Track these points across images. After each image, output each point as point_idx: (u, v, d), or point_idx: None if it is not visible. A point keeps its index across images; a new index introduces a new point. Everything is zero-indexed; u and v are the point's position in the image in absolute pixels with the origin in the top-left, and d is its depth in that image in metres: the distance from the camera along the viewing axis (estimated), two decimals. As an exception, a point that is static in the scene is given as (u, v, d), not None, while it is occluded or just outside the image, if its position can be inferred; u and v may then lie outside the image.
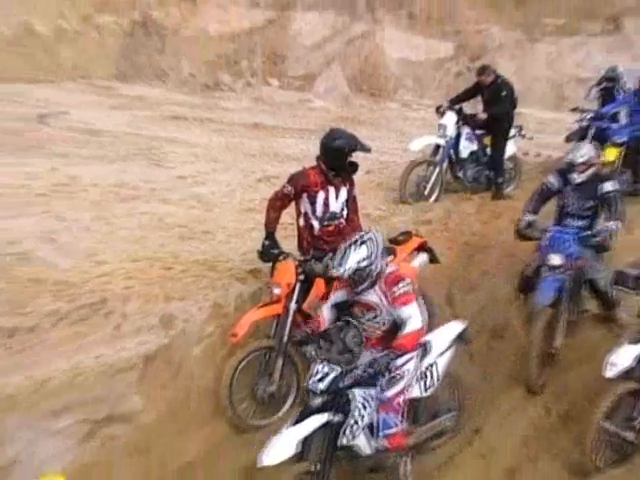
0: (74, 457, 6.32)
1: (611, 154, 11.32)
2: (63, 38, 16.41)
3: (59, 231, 8.96)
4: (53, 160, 11.50)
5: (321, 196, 7.44)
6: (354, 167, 7.56)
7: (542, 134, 14.37)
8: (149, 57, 17.00)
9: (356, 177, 7.70)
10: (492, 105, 11.35)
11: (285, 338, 7.12)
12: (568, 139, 12.20)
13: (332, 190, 7.46)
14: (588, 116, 12.05)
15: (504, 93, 11.33)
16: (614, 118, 11.78)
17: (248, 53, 17.40)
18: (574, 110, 12.16)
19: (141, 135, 13.19)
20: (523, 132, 11.91)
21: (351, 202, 7.63)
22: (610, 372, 6.43)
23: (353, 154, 7.51)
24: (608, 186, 7.88)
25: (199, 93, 16.55)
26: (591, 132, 11.55)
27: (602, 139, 11.46)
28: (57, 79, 16.03)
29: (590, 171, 7.91)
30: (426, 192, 11.14)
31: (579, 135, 11.76)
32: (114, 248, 8.68)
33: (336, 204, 7.50)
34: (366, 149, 7.67)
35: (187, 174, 11.36)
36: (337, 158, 7.39)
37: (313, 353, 6.18)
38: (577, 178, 7.94)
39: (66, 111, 14.15)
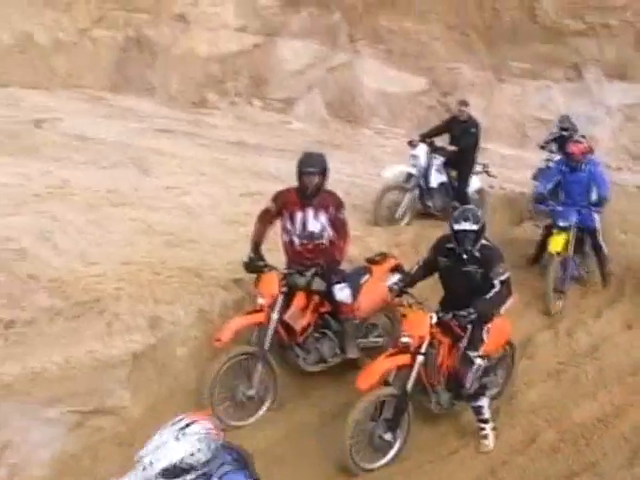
0: (62, 445, 6.38)
1: (556, 244, 9.56)
2: (60, 48, 16.44)
3: (53, 231, 8.99)
4: (47, 163, 11.50)
5: (299, 215, 7.52)
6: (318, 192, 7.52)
7: (504, 169, 14.56)
8: (140, 72, 17.06)
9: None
10: (460, 140, 11.54)
11: (266, 345, 7.21)
12: (535, 177, 12.34)
13: (310, 211, 7.52)
14: (555, 158, 11.67)
15: (473, 130, 11.59)
16: (555, 194, 10.09)
17: (234, 74, 17.50)
18: (543, 148, 12.25)
19: (130, 145, 13.21)
20: (489, 169, 12.02)
21: (339, 225, 7.58)
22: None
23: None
24: None
25: (186, 109, 16.62)
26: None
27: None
28: (52, 87, 16.08)
29: None
30: (397, 216, 11.27)
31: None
32: (105, 250, 8.72)
33: (314, 224, 7.54)
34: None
35: (174, 185, 11.37)
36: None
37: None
38: None
39: (60, 117, 14.14)
